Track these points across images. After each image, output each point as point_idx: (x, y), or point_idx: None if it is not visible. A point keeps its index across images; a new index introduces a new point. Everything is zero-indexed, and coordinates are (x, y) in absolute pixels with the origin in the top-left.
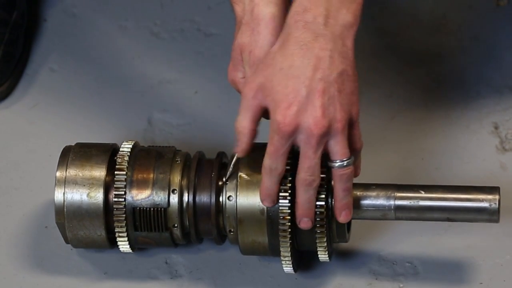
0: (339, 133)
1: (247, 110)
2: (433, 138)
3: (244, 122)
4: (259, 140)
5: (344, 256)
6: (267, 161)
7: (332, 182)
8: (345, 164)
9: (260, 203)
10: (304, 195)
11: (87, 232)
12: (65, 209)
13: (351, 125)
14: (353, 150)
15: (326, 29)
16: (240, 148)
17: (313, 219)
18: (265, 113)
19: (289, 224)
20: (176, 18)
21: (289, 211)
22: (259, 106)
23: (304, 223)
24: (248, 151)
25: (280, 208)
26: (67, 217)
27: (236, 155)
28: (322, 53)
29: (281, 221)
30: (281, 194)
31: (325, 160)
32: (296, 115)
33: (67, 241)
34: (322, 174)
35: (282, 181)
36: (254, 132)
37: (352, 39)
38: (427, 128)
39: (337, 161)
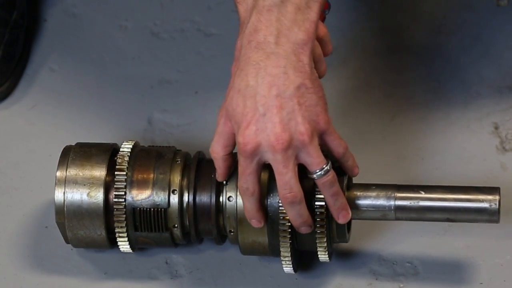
0: (307, 145)
1: (219, 136)
2: (433, 138)
3: (216, 148)
4: None
5: (344, 256)
6: (239, 182)
7: (320, 190)
8: (323, 173)
9: None
10: (292, 212)
11: (87, 231)
12: (65, 209)
13: (322, 135)
14: (337, 155)
15: (277, 48)
16: (217, 173)
17: (311, 224)
18: None
19: (289, 224)
20: (176, 18)
21: None
22: (230, 132)
23: (304, 230)
24: (225, 175)
25: (280, 208)
26: (67, 217)
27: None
28: (275, 70)
29: (281, 221)
30: None
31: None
32: (255, 134)
33: (67, 241)
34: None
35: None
36: (228, 158)
37: (307, 55)
38: (427, 128)
39: (315, 171)
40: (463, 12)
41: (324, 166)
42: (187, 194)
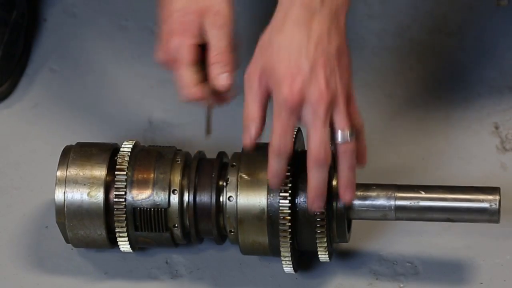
0: (341, 104)
1: (254, 98)
2: (434, 138)
3: (253, 111)
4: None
5: (345, 256)
6: (276, 141)
7: (337, 160)
8: (348, 135)
9: (261, 203)
10: (317, 175)
11: (87, 231)
12: (65, 209)
13: (348, 100)
14: (357, 125)
15: (322, 8)
16: (249, 136)
17: (325, 200)
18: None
19: (289, 224)
20: None
21: (289, 211)
22: (266, 92)
23: (317, 205)
24: (256, 140)
25: (281, 208)
26: (67, 217)
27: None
28: (320, 29)
29: (282, 221)
30: (281, 194)
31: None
32: (301, 88)
33: (67, 241)
34: None
35: (282, 180)
36: (264, 120)
37: (344, 17)
38: (427, 128)
39: (340, 132)
40: (463, 12)
41: (352, 131)
42: (187, 194)
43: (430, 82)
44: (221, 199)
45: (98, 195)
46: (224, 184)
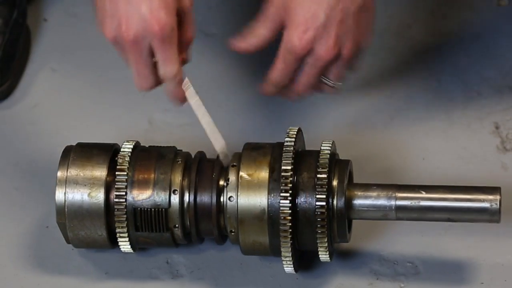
0: (342, 62)
1: (268, 21)
2: (434, 138)
3: (262, 30)
4: (257, 140)
5: (345, 256)
6: (275, 75)
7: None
8: (332, 85)
9: (261, 203)
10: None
11: (88, 232)
12: (66, 209)
13: (354, 55)
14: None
15: None
16: (246, 41)
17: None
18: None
19: (290, 224)
20: None
21: (289, 211)
22: (279, 22)
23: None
24: (247, 49)
25: (281, 208)
26: (68, 217)
27: None
28: None
29: (282, 221)
30: (281, 194)
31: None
32: (311, 40)
33: (68, 241)
34: (322, 173)
35: (282, 178)
36: (269, 42)
37: None
38: (427, 128)
39: (330, 80)
40: (463, 12)
41: (339, 84)
42: (187, 194)
43: (430, 81)
44: (221, 199)
45: (99, 196)
46: (225, 184)
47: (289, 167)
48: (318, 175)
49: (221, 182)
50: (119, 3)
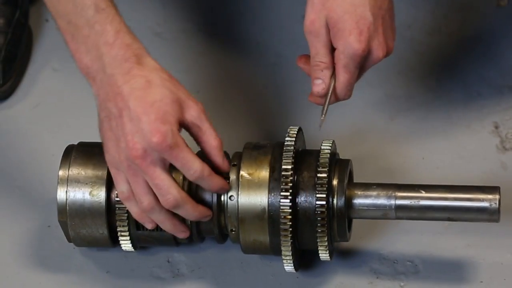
0: (387, 55)
1: (323, 46)
2: (434, 137)
3: (325, 58)
4: (258, 139)
5: (345, 255)
6: (343, 91)
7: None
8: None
9: (262, 203)
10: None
11: (89, 230)
12: (67, 208)
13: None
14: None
15: None
16: (323, 85)
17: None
18: None
19: (290, 223)
20: (179, 18)
21: (290, 210)
22: (329, 38)
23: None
24: (329, 88)
25: (281, 207)
26: (69, 216)
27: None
28: None
29: (282, 221)
30: (282, 193)
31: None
32: (368, 40)
33: (69, 240)
34: (322, 173)
35: (282, 177)
36: (333, 67)
37: None
38: (427, 128)
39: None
40: (463, 12)
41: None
42: (188, 193)
43: (431, 81)
44: (222, 198)
45: (100, 194)
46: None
47: (290, 167)
48: (318, 175)
49: None
50: (123, 121)
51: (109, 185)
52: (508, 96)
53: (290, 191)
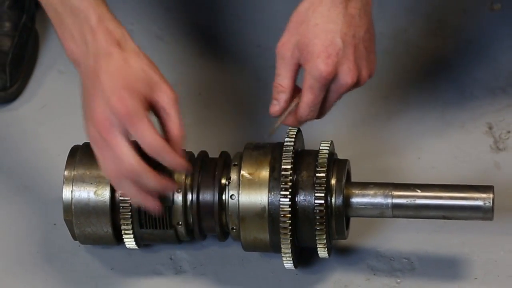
0: (358, 86)
1: (286, 70)
2: (429, 138)
3: (285, 81)
4: (258, 140)
5: (343, 253)
6: (305, 111)
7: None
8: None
9: (262, 201)
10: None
11: (94, 228)
12: (72, 207)
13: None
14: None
15: None
16: (278, 106)
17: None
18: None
19: (290, 221)
20: (180, 21)
21: (289, 209)
22: (297, 64)
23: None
24: (284, 110)
25: (281, 206)
26: (74, 214)
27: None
28: (354, 11)
29: (282, 219)
30: (281, 192)
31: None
32: (336, 64)
33: (74, 238)
34: (321, 172)
35: (282, 177)
36: (293, 91)
37: (371, 2)
38: (423, 129)
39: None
40: (458, 16)
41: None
42: (190, 193)
43: (426, 83)
44: (223, 198)
45: (105, 194)
46: (227, 183)
47: (289, 166)
48: (317, 174)
49: (223, 181)
50: (96, 97)
51: None
52: (501, 97)
53: (290, 190)
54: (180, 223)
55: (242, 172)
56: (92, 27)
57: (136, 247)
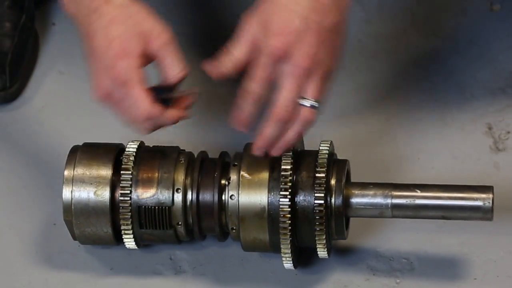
0: (319, 75)
1: (241, 41)
2: (429, 138)
3: (236, 51)
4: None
5: (343, 253)
6: (252, 86)
7: (291, 122)
8: (313, 105)
9: (262, 202)
10: (272, 130)
11: (93, 229)
12: (72, 207)
13: (327, 77)
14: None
15: None
16: (223, 67)
17: (269, 150)
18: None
19: (289, 222)
20: (178, 20)
21: (289, 209)
22: (254, 40)
23: (259, 152)
24: (223, 74)
25: (281, 206)
26: (74, 215)
27: None
28: (323, 1)
29: (282, 219)
30: (281, 193)
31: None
32: (290, 43)
33: (74, 238)
34: (320, 173)
35: (281, 177)
36: (245, 65)
37: (348, 1)
38: (422, 129)
39: (308, 99)
40: (457, 16)
41: (318, 103)
42: (190, 193)
43: (425, 84)
44: (223, 198)
45: (104, 194)
46: (226, 183)
47: (289, 167)
48: (317, 174)
49: (223, 181)
50: (95, 63)
51: (113, 185)
52: (501, 97)
53: (289, 190)
54: (179, 223)
55: (242, 172)
56: None
57: (136, 247)
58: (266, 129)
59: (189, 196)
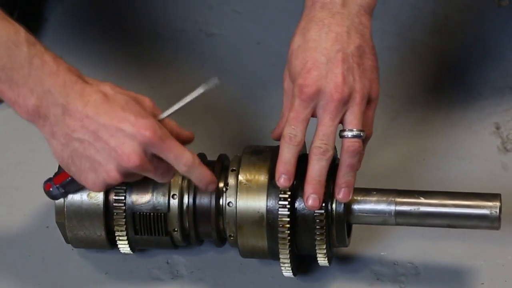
0: (357, 104)
1: (286, 100)
2: (435, 138)
3: (286, 111)
4: (257, 142)
5: (346, 258)
6: (287, 129)
7: (340, 157)
8: (355, 135)
9: (260, 209)
10: (315, 165)
11: (87, 232)
12: (65, 209)
13: (368, 103)
14: (368, 132)
15: (343, 8)
16: (277, 131)
17: (321, 198)
18: None
19: (288, 232)
20: (178, 18)
21: (288, 219)
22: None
23: (313, 201)
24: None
25: (280, 214)
26: (67, 217)
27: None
28: (339, 28)
29: (280, 229)
30: (280, 202)
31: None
32: (316, 78)
33: (67, 241)
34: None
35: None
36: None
37: (369, 18)
38: (428, 129)
39: (351, 129)
40: (464, 12)
41: (361, 132)
42: (187, 197)
43: (431, 82)
44: (220, 203)
45: (98, 197)
46: (224, 188)
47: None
48: None
49: (221, 185)
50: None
51: None
52: (509, 97)
53: (289, 199)
54: (176, 229)
55: (240, 178)
56: (52, 70)
57: (131, 252)
58: (310, 170)
59: (185, 201)
